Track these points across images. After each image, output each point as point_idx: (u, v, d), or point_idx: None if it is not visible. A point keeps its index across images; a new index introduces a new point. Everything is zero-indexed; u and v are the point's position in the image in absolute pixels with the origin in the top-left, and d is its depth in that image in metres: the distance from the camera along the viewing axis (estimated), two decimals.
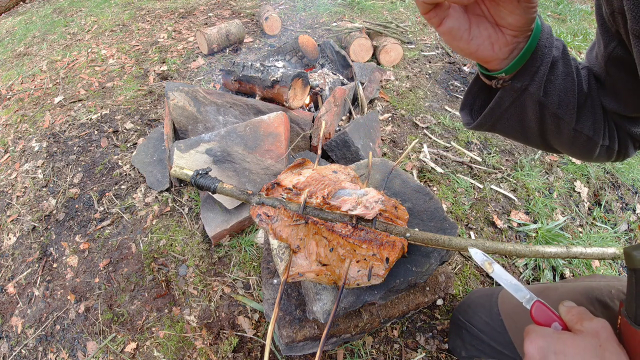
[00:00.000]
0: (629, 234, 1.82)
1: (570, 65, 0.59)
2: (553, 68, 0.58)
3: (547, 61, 0.56)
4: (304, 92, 1.91)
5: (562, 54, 0.59)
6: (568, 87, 0.59)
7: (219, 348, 1.32)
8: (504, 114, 0.64)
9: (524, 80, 0.58)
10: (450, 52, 3.05)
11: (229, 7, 3.76)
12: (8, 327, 1.46)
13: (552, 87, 0.58)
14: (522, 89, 0.59)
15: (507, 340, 0.94)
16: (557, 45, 0.58)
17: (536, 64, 0.56)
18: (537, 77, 0.57)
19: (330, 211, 0.91)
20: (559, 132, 0.63)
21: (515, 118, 0.65)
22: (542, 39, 0.55)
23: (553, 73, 0.58)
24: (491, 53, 0.56)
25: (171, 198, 1.81)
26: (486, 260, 0.70)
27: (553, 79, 0.58)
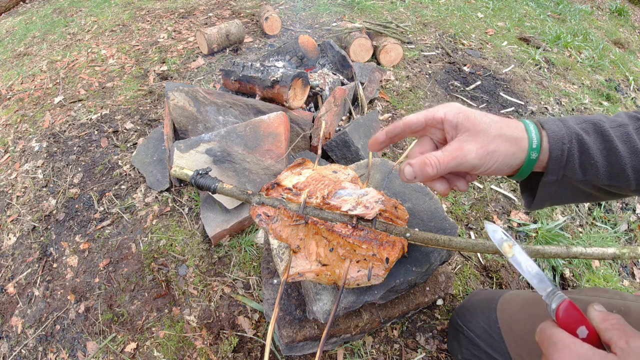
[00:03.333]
0: (629, 234, 1.82)
1: (610, 140, 0.56)
2: (585, 151, 0.56)
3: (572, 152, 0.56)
4: (304, 92, 1.91)
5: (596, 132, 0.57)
6: (614, 161, 0.56)
7: (219, 348, 1.32)
8: (555, 197, 0.63)
9: (555, 174, 0.58)
10: (450, 52, 3.05)
11: (229, 7, 3.76)
12: (8, 327, 1.46)
13: (591, 167, 0.56)
14: (557, 180, 0.58)
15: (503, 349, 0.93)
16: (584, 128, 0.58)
17: (561, 158, 0.56)
18: (568, 167, 0.57)
19: (330, 211, 0.91)
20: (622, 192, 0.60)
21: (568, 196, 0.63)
22: (553, 138, 0.56)
23: (587, 154, 0.56)
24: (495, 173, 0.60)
25: (171, 198, 1.81)
26: (506, 241, 0.60)
27: (589, 159, 0.56)
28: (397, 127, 0.66)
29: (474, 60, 2.98)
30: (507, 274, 1.57)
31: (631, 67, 3.37)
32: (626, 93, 2.96)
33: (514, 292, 1.03)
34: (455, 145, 0.58)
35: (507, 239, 0.60)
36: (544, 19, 4.05)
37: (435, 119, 0.62)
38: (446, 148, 0.59)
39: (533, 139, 0.57)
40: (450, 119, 0.60)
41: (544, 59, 3.16)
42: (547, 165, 0.58)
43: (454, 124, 0.60)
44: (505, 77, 2.83)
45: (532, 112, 2.52)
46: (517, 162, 0.58)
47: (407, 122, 0.64)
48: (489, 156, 0.57)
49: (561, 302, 0.51)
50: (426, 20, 3.56)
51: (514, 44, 3.38)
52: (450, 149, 0.58)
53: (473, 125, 0.58)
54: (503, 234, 0.60)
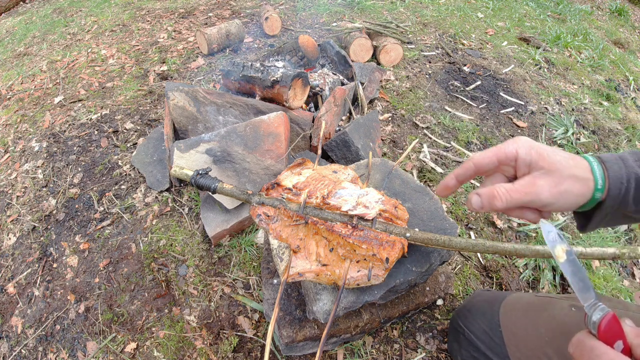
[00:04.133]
0: (629, 234, 1.82)
1: None
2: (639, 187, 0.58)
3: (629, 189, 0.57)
4: (304, 92, 1.91)
5: None
6: None
7: (219, 348, 1.32)
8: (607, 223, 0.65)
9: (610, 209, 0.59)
10: (450, 52, 3.05)
11: (229, 7, 3.76)
12: (8, 327, 1.46)
13: None
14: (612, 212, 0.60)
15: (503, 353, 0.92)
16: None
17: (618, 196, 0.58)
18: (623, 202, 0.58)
19: (330, 211, 0.91)
20: None
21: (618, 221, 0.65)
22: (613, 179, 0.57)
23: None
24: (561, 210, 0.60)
25: (171, 198, 1.81)
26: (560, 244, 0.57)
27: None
28: (467, 170, 0.64)
29: (474, 60, 2.98)
30: (507, 274, 1.57)
31: (631, 67, 3.37)
32: (626, 93, 2.96)
33: (517, 295, 1.03)
34: (528, 180, 0.58)
35: (562, 241, 0.57)
36: (544, 19, 4.05)
37: (508, 156, 0.61)
38: (518, 182, 0.58)
39: (598, 180, 0.58)
40: (523, 157, 0.59)
41: (544, 59, 3.16)
42: (605, 201, 0.59)
43: (527, 162, 0.59)
44: (505, 77, 2.83)
45: (532, 112, 2.52)
46: (583, 202, 0.59)
47: (478, 163, 0.62)
48: (561, 195, 0.57)
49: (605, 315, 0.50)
50: (426, 20, 3.56)
51: (514, 44, 3.38)
52: (523, 183, 0.58)
53: (547, 164, 0.58)
54: (558, 236, 0.58)
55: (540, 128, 2.39)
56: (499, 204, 0.58)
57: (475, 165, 0.63)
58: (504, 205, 0.57)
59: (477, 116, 2.43)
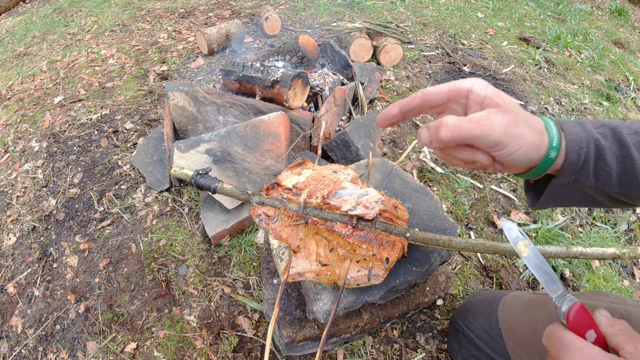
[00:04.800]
0: (629, 234, 1.82)
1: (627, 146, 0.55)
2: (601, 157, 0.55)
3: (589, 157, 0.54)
4: (304, 92, 1.91)
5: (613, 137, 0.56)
6: (628, 169, 0.54)
7: (219, 348, 1.32)
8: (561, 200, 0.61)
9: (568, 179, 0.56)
10: (450, 52, 3.05)
11: (229, 7, 3.76)
12: (8, 327, 1.46)
13: (605, 174, 0.55)
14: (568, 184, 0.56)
15: (503, 350, 0.92)
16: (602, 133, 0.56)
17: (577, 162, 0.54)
18: (582, 172, 0.55)
19: (330, 211, 0.91)
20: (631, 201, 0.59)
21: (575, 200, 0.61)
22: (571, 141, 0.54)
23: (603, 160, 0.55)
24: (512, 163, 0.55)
25: (171, 198, 1.81)
26: (522, 240, 0.57)
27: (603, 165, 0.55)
28: (414, 99, 0.57)
29: (474, 60, 2.98)
30: (507, 274, 1.57)
31: (631, 67, 3.37)
32: (626, 93, 2.96)
33: (515, 294, 1.03)
34: (482, 114, 0.52)
35: (523, 237, 0.57)
36: (544, 19, 4.05)
37: (460, 90, 0.55)
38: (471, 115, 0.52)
39: (554, 137, 0.54)
40: (477, 91, 0.54)
41: (544, 59, 3.16)
42: (562, 168, 0.55)
43: (481, 98, 0.54)
44: (505, 77, 2.83)
45: (532, 112, 2.51)
46: (537, 157, 0.54)
47: (427, 94, 0.56)
48: (515, 139, 0.51)
49: (572, 305, 0.51)
50: (426, 20, 3.56)
51: (514, 44, 3.38)
52: (476, 116, 0.52)
53: (503, 102, 0.53)
54: (519, 233, 0.57)
55: None
56: (444, 134, 0.51)
57: (423, 95, 0.56)
58: (450, 135, 0.51)
59: None
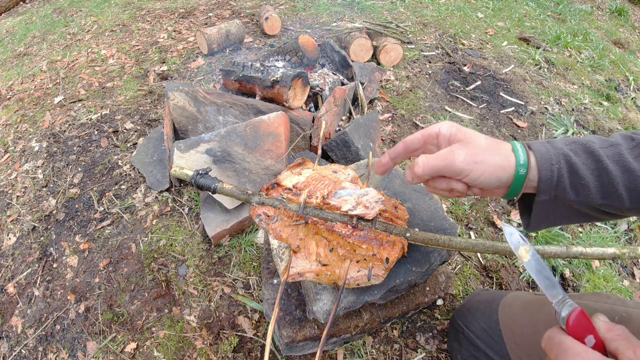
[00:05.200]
0: (629, 234, 1.82)
1: (601, 160, 0.58)
2: (574, 172, 0.58)
3: (562, 172, 0.58)
4: (304, 92, 1.91)
5: (585, 153, 0.59)
6: (605, 181, 0.57)
7: (219, 348, 1.32)
8: (551, 218, 0.65)
9: (547, 194, 0.60)
10: (450, 52, 3.05)
11: (229, 7, 3.76)
12: (8, 327, 1.46)
13: (583, 187, 0.58)
14: (550, 200, 0.60)
15: (503, 351, 0.93)
16: (573, 149, 0.60)
17: (551, 178, 0.58)
18: (559, 187, 0.59)
19: (330, 211, 0.91)
20: (617, 212, 0.61)
21: (565, 217, 0.64)
22: (541, 159, 0.59)
23: (577, 175, 0.58)
24: (485, 187, 0.63)
25: (171, 198, 1.81)
26: (523, 246, 0.58)
27: (579, 179, 0.58)
28: (398, 149, 0.71)
29: (474, 60, 2.98)
30: (507, 274, 1.57)
31: (631, 67, 3.37)
32: (626, 93, 2.96)
33: (516, 294, 1.03)
34: (446, 150, 0.62)
35: (524, 242, 0.59)
36: (544, 19, 4.05)
37: (431, 134, 0.66)
38: (438, 152, 0.63)
39: (520, 155, 0.60)
40: (444, 132, 0.65)
41: (544, 59, 3.16)
42: (538, 185, 0.60)
43: (447, 137, 0.64)
44: (505, 77, 2.83)
45: (532, 112, 2.52)
46: (507, 177, 0.60)
47: (406, 143, 0.69)
48: (477, 165, 0.59)
49: (572, 310, 0.51)
50: (426, 20, 3.56)
51: (514, 44, 3.38)
52: (441, 152, 0.62)
53: (465, 137, 0.63)
54: (520, 238, 0.59)
55: (540, 128, 2.39)
56: (417, 170, 0.63)
57: (404, 144, 0.69)
58: (421, 171, 0.62)
59: (477, 116, 2.43)
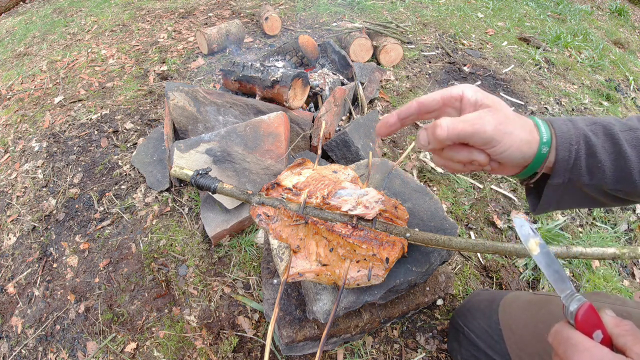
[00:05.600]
0: (629, 234, 1.82)
1: (619, 143, 0.56)
2: (592, 154, 0.56)
3: (580, 154, 0.56)
4: (304, 92, 1.91)
5: (605, 135, 0.57)
6: (622, 165, 0.55)
7: (219, 348, 1.32)
8: (560, 201, 0.62)
9: (562, 177, 0.57)
10: (450, 52, 3.05)
11: (229, 7, 3.76)
12: (8, 327, 1.46)
13: (598, 170, 0.56)
14: (563, 183, 0.58)
15: (503, 350, 0.92)
16: (593, 130, 0.57)
17: (568, 160, 0.56)
18: (575, 169, 0.56)
19: (330, 211, 0.91)
20: (628, 197, 0.60)
21: (574, 201, 0.62)
22: (561, 137, 0.56)
23: (594, 157, 0.56)
24: (507, 161, 0.58)
25: (171, 198, 1.81)
26: (533, 238, 0.56)
27: (596, 162, 0.56)
28: (410, 108, 0.61)
29: (474, 60, 2.98)
30: (507, 274, 1.57)
31: (631, 67, 3.37)
32: (626, 93, 2.96)
33: (516, 294, 1.03)
34: (475, 114, 0.55)
35: (535, 235, 0.56)
36: (544, 19, 4.05)
37: (453, 96, 0.59)
38: (464, 116, 0.56)
39: (543, 132, 0.56)
40: (469, 96, 0.58)
41: (544, 59, 3.16)
42: (554, 166, 0.57)
43: (473, 101, 0.58)
44: (505, 77, 2.83)
45: (532, 112, 2.51)
46: (530, 153, 0.56)
47: (422, 102, 0.60)
48: (507, 136, 0.54)
49: (581, 305, 0.51)
50: (426, 20, 3.56)
51: (514, 44, 3.38)
52: (469, 116, 0.55)
53: (493, 103, 0.57)
54: (531, 230, 0.56)
55: None
56: (440, 132, 0.54)
57: (418, 103, 0.60)
58: (445, 134, 0.54)
59: None
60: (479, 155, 0.57)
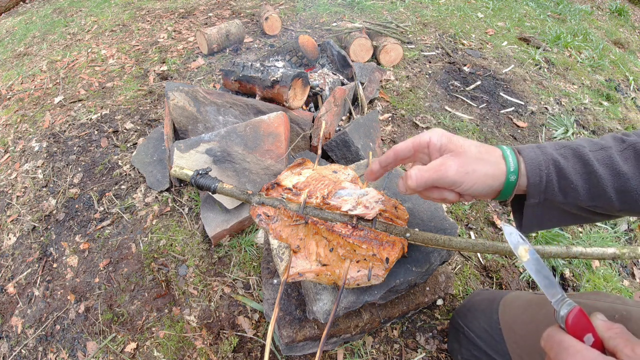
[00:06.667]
0: (629, 234, 1.82)
1: (590, 164, 0.59)
2: (563, 176, 0.59)
3: (551, 177, 0.59)
4: (304, 92, 1.91)
5: (575, 157, 0.60)
6: (594, 183, 0.58)
7: (219, 348, 1.32)
8: (543, 220, 0.65)
9: (537, 198, 0.61)
10: (450, 52, 3.05)
11: (229, 7, 3.76)
12: (8, 327, 1.46)
13: (571, 190, 0.59)
14: (540, 202, 0.62)
15: (503, 350, 0.93)
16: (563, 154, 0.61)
17: (540, 183, 0.60)
18: (548, 190, 0.60)
19: (330, 211, 0.91)
20: (608, 212, 0.62)
21: (556, 218, 0.65)
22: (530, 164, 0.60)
23: (565, 178, 0.59)
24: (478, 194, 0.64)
25: (171, 198, 1.81)
26: (522, 245, 0.58)
27: (568, 183, 0.59)
28: (388, 157, 0.71)
29: (474, 60, 2.98)
30: (507, 274, 1.57)
31: (631, 67, 3.37)
32: (626, 93, 2.96)
33: (516, 294, 1.03)
34: (438, 161, 0.62)
35: (524, 242, 0.59)
36: (544, 19, 4.05)
37: (421, 143, 0.66)
38: (429, 164, 0.63)
39: (510, 162, 0.61)
40: (434, 142, 0.65)
41: (544, 59, 3.16)
42: (528, 189, 0.61)
43: (438, 147, 0.65)
44: (505, 77, 2.83)
45: (532, 112, 2.52)
46: (497, 184, 0.61)
47: (397, 151, 0.69)
48: (468, 175, 0.60)
49: (571, 309, 0.52)
50: (426, 20, 3.56)
51: (514, 44, 3.38)
52: (433, 164, 0.62)
53: (455, 147, 0.63)
54: (520, 237, 0.59)
55: (540, 128, 2.39)
56: (410, 183, 0.63)
57: (394, 152, 0.70)
58: (415, 184, 0.62)
59: (477, 116, 2.43)
60: (448, 195, 0.65)
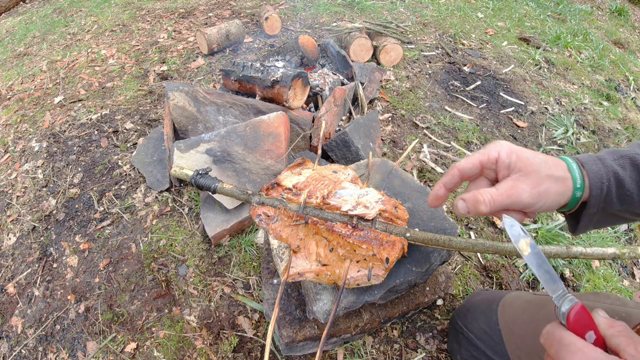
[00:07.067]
0: (629, 234, 1.82)
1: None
2: (621, 186, 0.61)
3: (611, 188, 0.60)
4: (304, 92, 1.91)
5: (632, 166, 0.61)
6: None
7: (219, 348, 1.32)
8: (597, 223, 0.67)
9: (596, 208, 0.62)
10: (450, 52, 3.05)
11: (229, 7, 3.76)
12: (8, 327, 1.46)
13: (628, 198, 0.61)
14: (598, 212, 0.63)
15: (502, 351, 0.93)
16: (621, 164, 0.62)
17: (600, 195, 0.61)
18: (607, 200, 0.61)
19: (330, 211, 0.91)
20: None
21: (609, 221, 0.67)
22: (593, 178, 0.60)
23: (623, 188, 0.61)
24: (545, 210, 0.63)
25: (171, 198, 1.81)
26: (524, 238, 0.56)
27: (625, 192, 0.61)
28: (453, 177, 0.66)
29: (474, 60, 2.98)
30: (507, 274, 1.57)
31: (631, 67, 3.37)
32: (626, 93, 2.96)
33: (515, 294, 1.03)
34: (509, 183, 0.60)
35: (525, 235, 0.56)
36: (544, 19, 4.05)
37: (490, 160, 0.63)
38: (500, 186, 0.60)
39: (577, 179, 0.61)
40: (503, 159, 0.62)
41: (544, 59, 3.16)
42: (589, 200, 0.61)
43: (507, 164, 0.62)
44: (505, 77, 2.83)
45: (532, 112, 2.52)
46: (564, 200, 0.61)
47: (462, 169, 0.65)
48: (541, 196, 0.59)
49: (573, 306, 0.50)
50: (426, 20, 3.56)
51: (514, 44, 3.38)
52: (505, 187, 0.60)
53: (525, 166, 0.61)
54: (521, 230, 0.57)
55: (540, 128, 2.39)
56: (483, 209, 0.60)
57: (460, 172, 0.65)
58: (488, 210, 0.60)
59: (477, 116, 2.43)
60: (515, 215, 0.62)
